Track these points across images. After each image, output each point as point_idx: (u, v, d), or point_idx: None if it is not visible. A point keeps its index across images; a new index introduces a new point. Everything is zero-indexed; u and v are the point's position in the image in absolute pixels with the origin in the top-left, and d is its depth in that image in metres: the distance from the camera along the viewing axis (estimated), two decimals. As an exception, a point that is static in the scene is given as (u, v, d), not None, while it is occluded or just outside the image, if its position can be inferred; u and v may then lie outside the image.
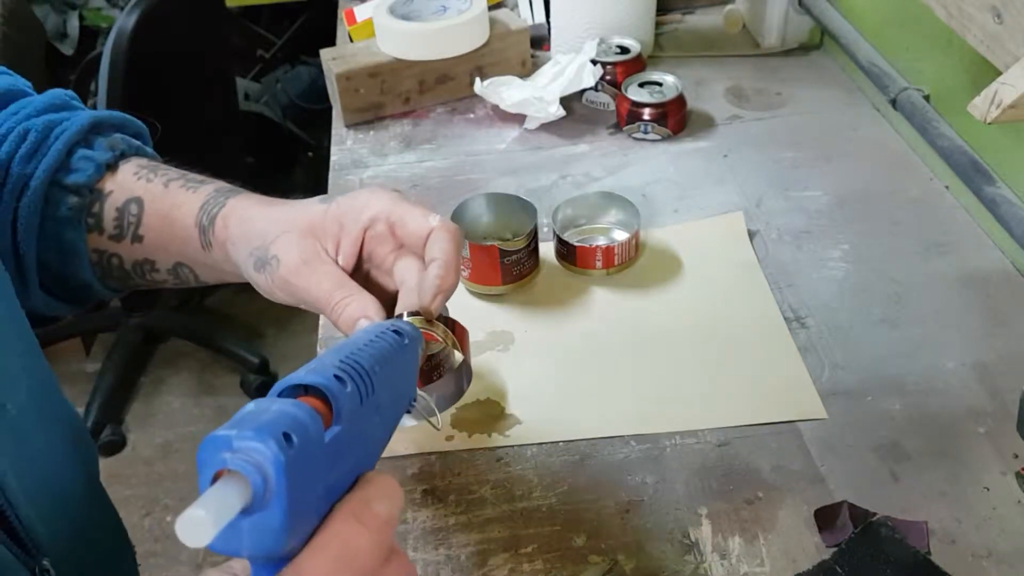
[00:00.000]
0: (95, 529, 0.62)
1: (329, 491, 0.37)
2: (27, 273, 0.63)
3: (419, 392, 0.54)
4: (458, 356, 0.58)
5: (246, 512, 0.33)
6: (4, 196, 0.61)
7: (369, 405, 0.40)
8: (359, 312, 0.55)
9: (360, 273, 0.59)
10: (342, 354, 0.41)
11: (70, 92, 0.67)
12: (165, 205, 0.63)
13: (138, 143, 0.67)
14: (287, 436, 0.34)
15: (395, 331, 0.46)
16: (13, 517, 0.50)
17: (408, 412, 0.51)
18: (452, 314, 0.78)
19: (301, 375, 0.38)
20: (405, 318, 0.54)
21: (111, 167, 0.64)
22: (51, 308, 0.66)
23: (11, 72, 0.67)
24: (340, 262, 0.58)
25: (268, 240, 0.58)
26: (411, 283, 0.57)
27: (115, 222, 0.63)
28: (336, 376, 0.39)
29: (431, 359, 0.58)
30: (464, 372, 0.60)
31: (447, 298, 0.56)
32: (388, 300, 0.58)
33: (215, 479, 0.33)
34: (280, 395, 0.38)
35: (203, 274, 0.64)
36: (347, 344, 0.43)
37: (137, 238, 0.63)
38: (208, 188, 0.63)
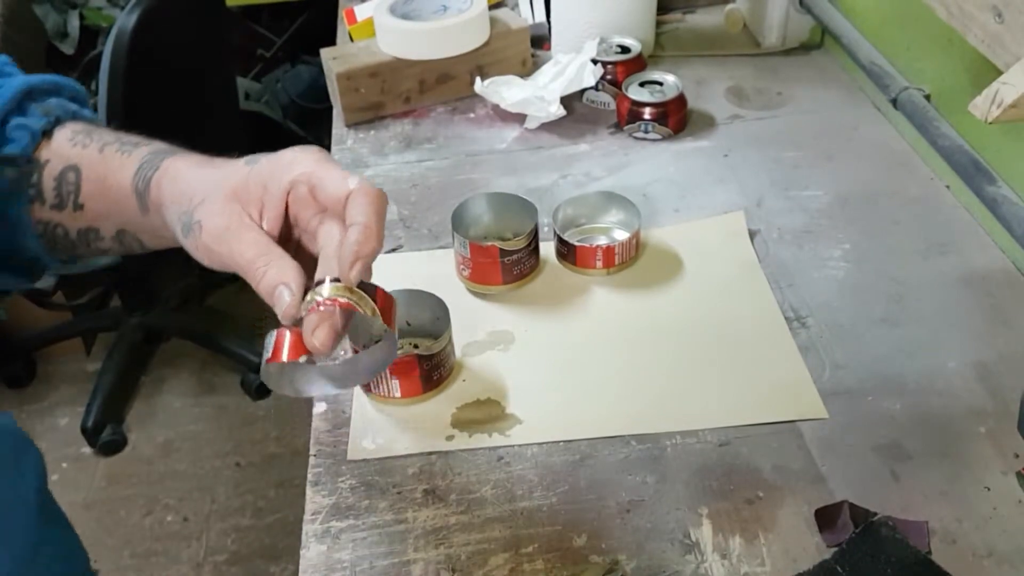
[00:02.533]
0: (45, 544, 0.61)
1: None
2: None
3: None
4: (379, 325, 0.56)
5: None
6: None
7: None
8: (277, 279, 0.53)
9: (292, 239, 0.58)
10: None
11: (4, 58, 0.65)
12: (101, 171, 0.61)
13: (75, 107, 0.65)
14: None
15: None
16: None
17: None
18: (452, 314, 0.79)
19: None
20: (327, 284, 0.53)
21: (46, 134, 0.62)
22: (1, 283, 0.66)
23: None
24: (264, 227, 0.55)
25: (193, 204, 0.56)
26: (330, 249, 0.55)
27: (55, 192, 0.62)
28: None
29: (351, 327, 0.56)
30: (388, 342, 0.59)
31: (367, 265, 0.54)
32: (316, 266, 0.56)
33: None
34: None
35: (147, 240, 0.63)
36: None
37: (78, 207, 0.62)
38: (143, 151, 0.61)
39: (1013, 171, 0.86)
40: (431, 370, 0.77)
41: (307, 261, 0.56)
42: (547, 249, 0.92)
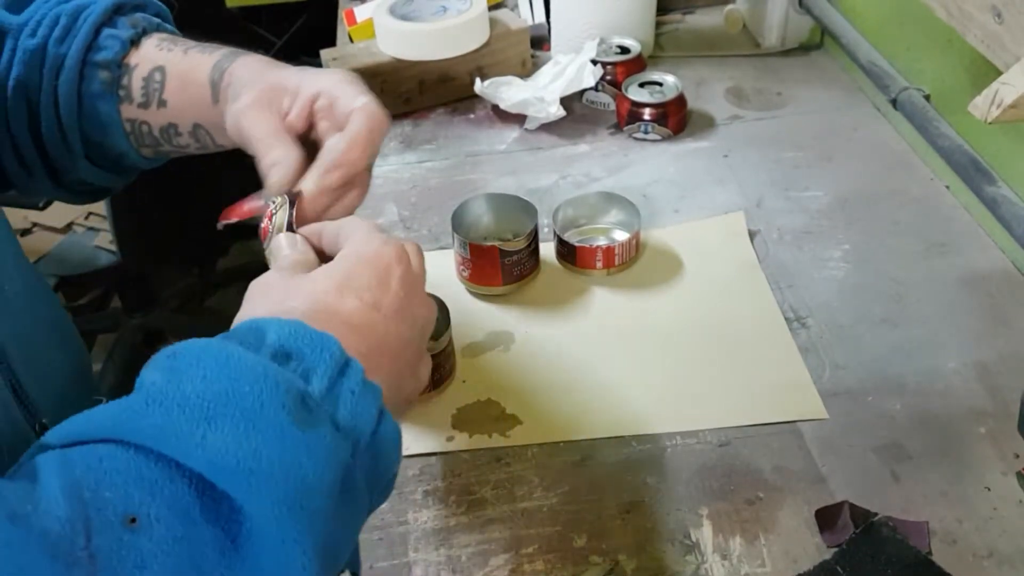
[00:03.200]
0: (82, 398, 0.65)
1: None
2: (73, 146, 0.69)
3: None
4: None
5: None
6: (44, 76, 0.67)
7: None
8: (275, 158, 0.59)
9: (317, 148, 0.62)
10: None
11: None
12: (184, 68, 0.68)
13: (158, 20, 0.73)
14: None
15: None
16: (15, 381, 0.55)
17: None
18: (452, 315, 0.78)
19: None
20: (284, 199, 0.56)
21: (135, 43, 0.70)
22: (99, 178, 0.73)
23: None
24: (289, 117, 0.61)
25: (243, 86, 0.63)
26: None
27: (142, 91, 0.69)
28: None
29: None
30: None
31: (346, 175, 0.58)
32: None
33: None
34: None
35: (218, 136, 0.68)
36: None
37: (162, 103, 0.69)
38: (223, 50, 0.69)
39: (1013, 171, 0.86)
40: (431, 371, 0.77)
41: None
42: (547, 250, 0.92)
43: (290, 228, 0.56)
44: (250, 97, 0.62)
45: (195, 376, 0.40)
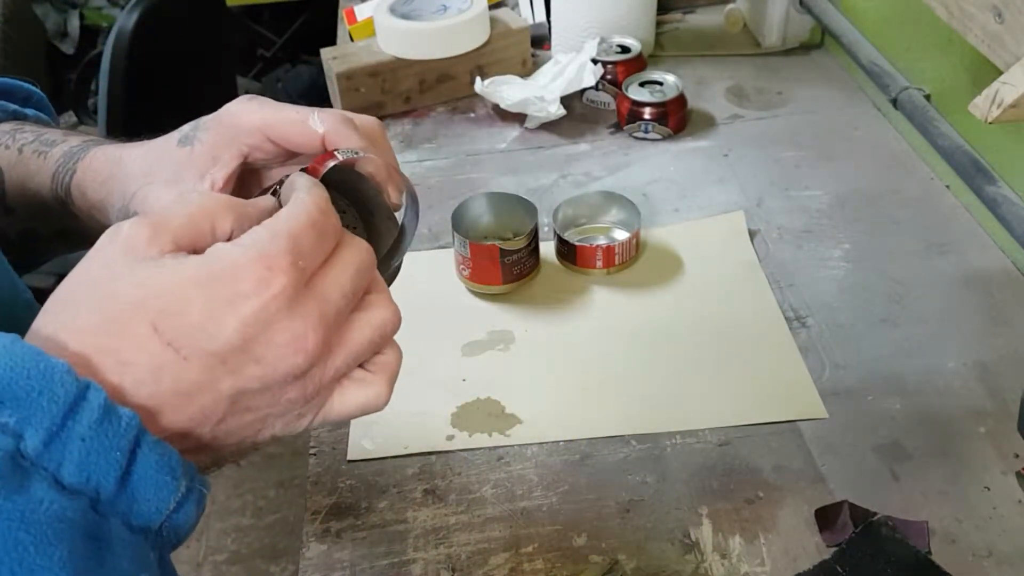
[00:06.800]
0: None
1: None
2: None
3: None
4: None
5: None
6: None
7: None
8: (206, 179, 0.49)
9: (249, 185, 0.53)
10: None
11: None
12: (21, 174, 0.57)
13: (14, 107, 0.62)
14: None
15: None
16: None
17: None
18: (452, 315, 0.79)
19: None
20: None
21: None
22: None
23: None
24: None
25: (126, 199, 0.52)
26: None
27: None
28: None
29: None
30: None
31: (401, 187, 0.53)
32: None
33: None
34: None
35: (97, 236, 0.56)
36: None
37: (8, 211, 0.58)
38: (58, 152, 0.56)
39: (1013, 171, 0.85)
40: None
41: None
42: (547, 249, 0.92)
43: None
44: (158, 207, 0.48)
45: None
